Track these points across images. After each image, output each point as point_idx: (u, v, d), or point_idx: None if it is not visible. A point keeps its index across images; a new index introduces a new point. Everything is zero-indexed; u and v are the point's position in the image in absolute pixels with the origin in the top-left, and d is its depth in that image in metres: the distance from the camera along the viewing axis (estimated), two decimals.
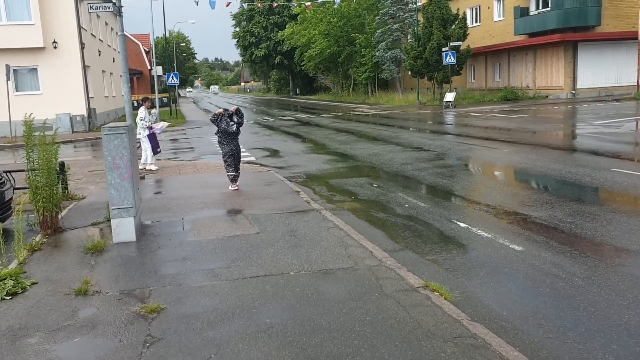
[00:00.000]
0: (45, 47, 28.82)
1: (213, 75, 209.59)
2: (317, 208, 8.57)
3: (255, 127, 28.54)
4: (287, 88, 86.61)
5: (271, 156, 16.58)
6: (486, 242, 6.69)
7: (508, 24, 39.87)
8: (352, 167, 13.39)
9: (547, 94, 36.81)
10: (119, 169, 6.89)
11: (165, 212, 8.77)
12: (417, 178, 11.27)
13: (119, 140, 6.87)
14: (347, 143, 18.35)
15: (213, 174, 13.02)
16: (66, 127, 29.70)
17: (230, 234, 7.16)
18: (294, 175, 12.73)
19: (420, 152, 15.07)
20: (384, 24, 46.63)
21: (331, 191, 10.54)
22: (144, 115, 13.86)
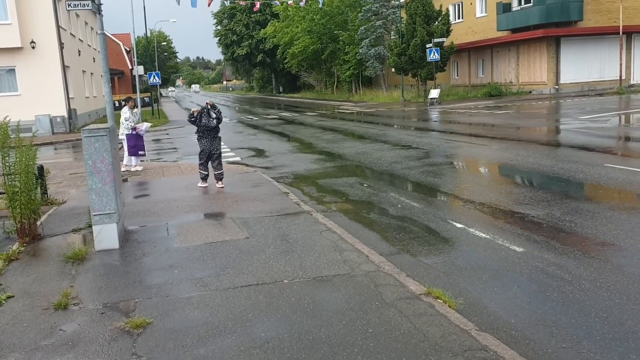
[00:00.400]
0: (23, 47, 28.14)
1: (195, 74, 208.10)
2: (307, 210, 8.28)
3: (239, 126, 28.16)
4: (270, 86, 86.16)
5: (257, 156, 16.26)
6: (485, 243, 6.45)
7: (491, 20, 39.88)
8: (340, 166, 13.12)
9: (531, 89, 36.89)
10: (100, 173, 6.54)
11: (149, 216, 8.42)
12: (407, 177, 11.03)
13: (100, 142, 6.52)
14: (334, 142, 18.08)
15: (197, 175, 12.65)
16: (46, 129, 29.07)
17: (218, 239, 6.84)
18: (281, 175, 12.43)
19: (409, 150, 14.85)
20: (367, 20, 46.43)
21: (321, 192, 10.25)
22: (128, 116, 13.47)
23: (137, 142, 13.58)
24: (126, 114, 13.52)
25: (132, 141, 13.56)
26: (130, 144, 13.60)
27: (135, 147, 13.57)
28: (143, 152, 13.79)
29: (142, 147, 13.68)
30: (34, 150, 7.61)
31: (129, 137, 13.52)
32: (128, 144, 13.61)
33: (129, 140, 13.55)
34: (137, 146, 13.58)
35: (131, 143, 13.57)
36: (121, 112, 13.71)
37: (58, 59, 29.08)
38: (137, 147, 13.58)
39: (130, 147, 13.60)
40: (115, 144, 7.12)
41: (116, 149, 7.12)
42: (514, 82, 38.43)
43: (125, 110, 13.59)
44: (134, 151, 13.61)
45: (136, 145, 13.57)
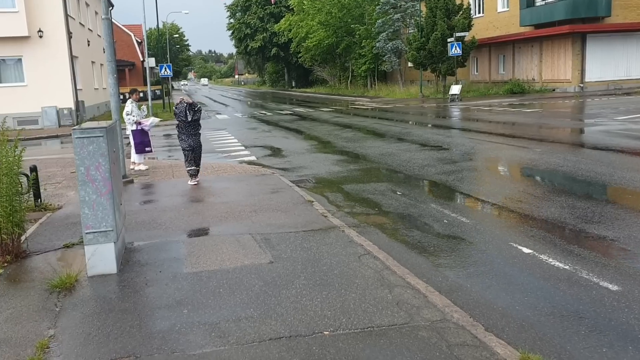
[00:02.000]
0: (30, 36, 27.15)
1: (207, 67, 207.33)
2: (338, 225, 7.09)
3: (252, 121, 27.00)
4: (282, 81, 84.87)
5: (273, 155, 15.08)
6: (566, 277, 5.23)
7: (513, 15, 38.38)
8: (366, 169, 11.91)
9: (554, 87, 35.43)
10: (95, 182, 5.38)
11: (155, 228, 7.27)
12: (446, 184, 9.79)
13: (95, 145, 5.36)
14: (355, 140, 16.86)
15: (211, 176, 11.51)
16: (52, 121, 28.11)
17: (236, 263, 5.67)
18: (301, 179, 11.24)
19: (440, 151, 13.59)
20: (385, 14, 45.04)
21: (349, 200, 9.05)
22: (131, 110, 12.34)
23: (144, 138, 12.47)
24: (127, 108, 12.38)
25: (138, 137, 12.44)
26: (136, 141, 12.49)
27: (141, 143, 12.46)
28: (149, 148, 12.67)
29: (149, 143, 12.56)
30: (20, 150, 6.44)
31: (134, 133, 12.41)
32: (134, 141, 12.50)
33: (134, 136, 12.44)
34: (144, 142, 12.47)
35: (137, 140, 12.46)
36: (125, 105, 12.62)
37: (66, 49, 28.05)
38: (144, 144, 12.47)
39: (137, 144, 12.49)
40: (115, 145, 5.97)
41: (115, 151, 5.96)
42: (537, 80, 36.98)
43: (128, 104, 12.46)
44: (141, 148, 12.50)
45: (142, 142, 12.46)
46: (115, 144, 6.05)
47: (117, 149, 6.12)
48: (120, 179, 6.36)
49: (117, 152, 6.10)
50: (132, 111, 12.34)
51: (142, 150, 12.53)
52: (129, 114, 12.33)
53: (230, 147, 17.08)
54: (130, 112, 12.32)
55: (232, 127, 24.00)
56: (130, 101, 12.56)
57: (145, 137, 12.46)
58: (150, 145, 12.70)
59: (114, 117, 10.89)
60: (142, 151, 12.56)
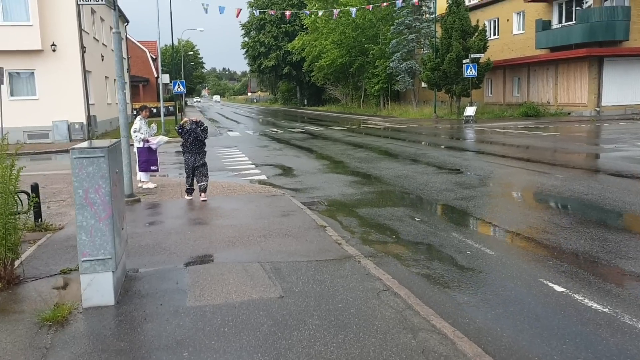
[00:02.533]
0: (44, 50, 27.15)
1: (220, 85, 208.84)
2: (353, 254, 6.63)
3: (264, 139, 26.69)
4: (294, 99, 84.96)
5: (284, 175, 14.69)
6: (608, 323, 4.72)
7: (528, 38, 38.08)
8: (381, 192, 11.46)
9: (569, 110, 34.94)
10: (94, 206, 4.98)
11: (159, 253, 6.85)
12: (466, 211, 9.31)
13: (95, 166, 4.97)
14: (368, 161, 16.44)
15: (220, 196, 11.11)
16: (63, 135, 27.98)
17: (243, 296, 5.22)
18: (313, 200, 10.81)
19: (458, 175, 13.12)
20: (399, 34, 44.90)
21: (364, 226, 8.60)
22: (139, 127, 12.03)
23: (150, 156, 12.12)
24: (136, 125, 12.09)
25: (144, 155, 12.10)
26: (141, 159, 12.14)
27: (147, 162, 12.11)
28: (155, 167, 12.32)
29: (155, 161, 12.21)
30: (17, 168, 6.07)
31: (140, 151, 12.07)
32: (139, 159, 12.16)
33: (140, 154, 12.10)
34: (150, 161, 12.11)
35: (142, 157, 12.11)
36: (134, 122, 12.34)
37: (79, 63, 28.02)
38: (150, 162, 12.11)
39: (142, 162, 12.14)
40: (118, 166, 5.58)
41: (118, 172, 5.57)
42: (552, 103, 36.51)
43: (137, 121, 12.17)
44: (145, 167, 12.15)
45: (148, 160, 12.11)
46: (118, 164, 5.66)
47: (120, 169, 5.74)
48: (123, 201, 5.96)
49: (120, 173, 5.72)
50: (140, 128, 12.03)
51: (147, 168, 12.19)
52: (137, 130, 12.02)
53: (240, 166, 16.72)
54: (139, 129, 12.01)
55: (243, 145, 23.70)
56: (140, 118, 12.27)
57: (152, 155, 12.12)
58: (157, 164, 12.34)
59: (122, 134, 10.57)
60: (146, 169, 12.21)
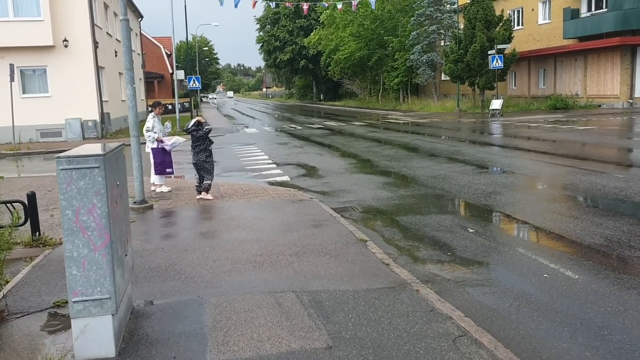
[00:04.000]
0: (55, 46, 26.29)
1: (235, 80, 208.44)
2: (407, 280, 5.45)
3: (283, 136, 25.54)
4: (310, 94, 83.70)
5: (308, 175, 13.53)
6: None
7: (555, 27, 36.47)
8: (420, 195, 10.24)
9: (600, 102, 33.34)
10: (87, 231, 3.85)
11: (173, 278, 5.72)
12: (526, 220, 8.06)
13: (88, 180, 3.83)
14: (398, 159, 15.22)
15: (240, 202, 9.98)
16: (76, 134, 27.14)
17: (280, 346, 4.05)
18: (344, 206, 9.65)
19: (504, 175, 11.85)
20: (420, 25, 43.46)
21: (410, 239, 7.40)
22: (152, 125, 10.90)
23: (165, 157, 11.00)
24: (149, 123, 10.96)
25: (158, 156, 10.96)
26: (156, 160, 11.00)
27: (162, 163, 10.99)
28: (171, 169, 11.16)
29: (170, 163, 11.07)
30: None
31: (155, 152, 10.95)
32: (154, 160, 11.04)
33: (155, 155, 10.98)
34: (164, 163, 11.00)
35: (157, 159, 10.97)
36: (147, 119, 11.21)
37: (92, 59, 27.11)
38: (164, 164, 11.00)
39: (157, 164, 11.01)
40: (120, 177, 4.45)
41: (120, 185, 4.44)
42: (580, 95, 34.92)
43: (150, 119, 11.05)
44: (161, 169, 11.05)
45: (163, 162, 10.99)
46: (121, 175, 4.52)
47: (123, 180, 4.60)
48: (127, 220, 4.82)
49: (123, 185, 4.58)
50: (154, 127, 10.92)
51: (163, 171, 11.07)
52: (150, 129, 10.91)
53: (260, 165, 15.60)
54: (152, 128, 10.90)
55: (261, 142, 22.57)
56: (153, 115, 11.15)
57: (167, 156, 11.00)
58: (172, 166, 11.19)
59: (132, 134, 9.49)
60: (162, 172, 11.09)
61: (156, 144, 10.91)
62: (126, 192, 4.72)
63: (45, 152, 23.19)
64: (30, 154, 22.84)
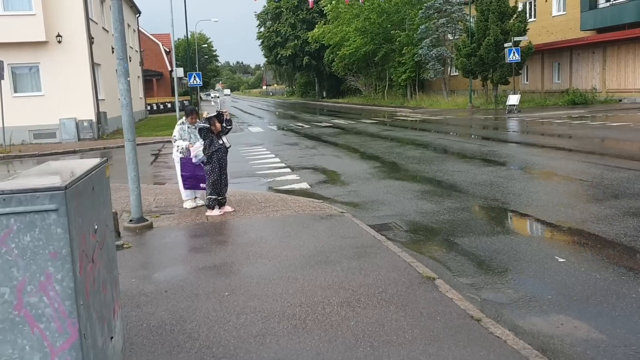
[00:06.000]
0: (48, 42, 24.66)
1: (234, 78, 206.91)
2: (519, 349, 3.80)
3: (291, 135, 23.86)
4: (312, 91, 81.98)
5: (330, 182, 11.87)
6: None
7: (570, 19, 34.81)
8: (472, 208, 8.55)
9: (620, 97, 31.68)
10: (38, 324, 2.20)
11: (182, 349, 4.03)
12: (629, 244, 6.40)
13: (38, 234, 2.18)
14: (427, 161, 13.56)
15: (258, 218, 8.31)
16: (71, 134, 25.51)
17: None
18: (383, 222, 7.99)
19: (564, 182, 10.15)
20: (428, 19, 41.76)
21: (487, 274, 5.69)
22: (179, 134, 9.09)
23: (196, 171, 8.90)
24: (175, 132, 9.16)
25: (188, 169, 8.95)
26: (185, 173, 8.99)
27: (193, 178, 8.95)
28: (204, 186, 8.92)
29: (203, 178, 8.82)
30: None
31: (184, 164, 9.01)
32: (182, 173, 9.04)
33: (183, 167, 9.01)
34: (197, 177, 8.93)
35: (187, 172, 8.96)
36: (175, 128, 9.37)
37: (87, 55, 25.47)
38: (197, 179, 8.94)
39: (186, 179, 9.00)
40: (100, 213, 2.79)
41: (101, 229, 2.76)
42: (599, 89, 33.26)
43: (177, 127, 9.20)
44: (191, 184, 9.04)
45: (195, 177, 8.94)
46: (100, 212, 2.85)
47: (105, 219, 2.94)
48: (112, 282, 3.14)
49: (104, 228, 2.92)
50: (182, 135, 9.09)
51: (196, 185, 9.07)
52: (177, 139, 9.13)
53: (273, 169, 13.95)
54: (179, 137, 9.10)
55: (269, 143, 20.90)
56: (182, 122, 9.23)
57: (199, 170, 8.90)
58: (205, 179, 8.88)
59: (126, 137, 7.82)
60: (193, 186, 9.10)
61: (186, 154, 9.01)
62: (111, 235, 3.05)
63: (37, 155, 21.58)
64: (22, 157, 21.22)
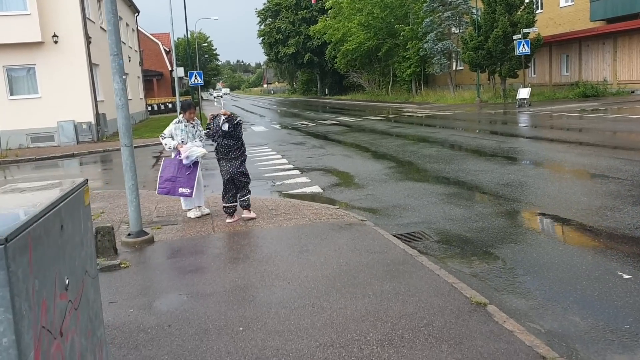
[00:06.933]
0: (44, 42, 23.88)
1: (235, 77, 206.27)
2: None
3: (296, 134, 23.04)
4: (314, 88, 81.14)
5: (344, 184, 11.05)
6: None
7: (579, 10, 33.89)
8: (506, 213, 7.72)
9: (633, 88, 30.78)
10: None
11: None
12: None
13: None
14: (446, 160, 12.73)
15: (270, 228, 7.50)
16: (70, 137, 24.75)
17: None
18: (410, 231, 7.18)
19: (603, 181, 9.31)
20: (433, 12, 40.87)
21: (544, 296, 4.92)
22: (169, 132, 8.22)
23: (178, 174, 7.99)
24: (166, 130, 8.27)
25: (169, 171, 8.06)
26: (163, 175, 8.08)
27: (171, 181, 8.00)
28: (189, 189, 8.01)
29: (186, 182, 7.99)
30: None
31: (166, 166, 8.12)
32: (161, 175, 8.15)
33: (165, 169, 8.11)
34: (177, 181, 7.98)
35: (166, 174, 8.06)
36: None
37: (84, 56, 24.69)
38: (177, 183, 7.98)
39: (163, 181, 8.07)
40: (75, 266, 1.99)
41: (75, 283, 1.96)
42: (610, 81, 32.34)
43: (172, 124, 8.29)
44: (168, 188, 8.05)
45: (175, 180, 7.99)
46: (78, 253, 2.05)
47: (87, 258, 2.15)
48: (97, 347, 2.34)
49: (85, 272, 2.13)
50: (176, 133, 8.21)
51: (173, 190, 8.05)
52: (165, 136, 8.25)
53: (280, 172, 13.13)
54: (166, 135, 8.23)
55: (274, 142, 20.07)
56: (178, 120, 8.32)
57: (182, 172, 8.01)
58: (192, 184, 8.03)
59: (122, 142, 7.01)
60: (170, 191, 8.10)
61: (174, 154, 8.23)
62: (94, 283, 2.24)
63: (35, 159, 20.82)
64: (18, 162, 20.47)
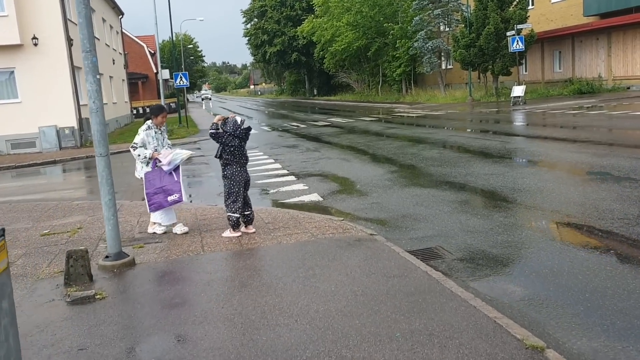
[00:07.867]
0: (24, 45, 22.90)
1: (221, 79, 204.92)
2: None
3: (288, 137, 22.18)
4: (302, 89, 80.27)
5: (345, 192, 10.22)
6: None
7: (571, 5, 33.41)
8: (530, 225, 6.97)
9: (628, 84, 30.33)
10: None
11: None
12: None
13: None
14: (451, 163, 11.95)
15: (269, 246, 6.65)
16: (52, 143, 23.74)
17: None
18: (425, 247, 6.38)
19: (634, 185, 8.60)
20: (422, 10, 40.18)
21: (605, 330, 4.12)
22: (140, 140, 7.33)
23: (163, 183, 7.20)
24: (137, 137, 7.38)
25: (150, 185, 7.22)
26: (149, 190, 7.22)
27: (160, 193, 7.19)
28: (177, 196, 7.21)
29: (172, 190, 7.19)
30: None
31: (149, 180, 7.28)
32: (147, 191, 7.28)
33: (148, 183, 7.27)
34: (165, 190, 7.19)
35: (149, 188, 7.22)
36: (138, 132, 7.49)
37: (66, 58, 23.70)
38: (166, 192, 7.19)
39: (151, 197, 7.21)
40: None
41: None
42: (604, 77, 31.88)
43: (141, 130, 7.40)
44: (158, 202, 7.21)
45: (163, 190, 7.19)
46: None
47: None
48: None
49: None
50: (146, 142, 7.37)
51: (163, 202, 7.22)
52: (136, 146, 7.32)
53: (274, 178, 12.28)
54: (138, 144, 7.32)
55: (265, 146, 19.18)
56: (147, 127, 7.45)
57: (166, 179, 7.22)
58: (180, 189, 7.22)
59: (97, 152, 6.11)
60: (160, 206, 7.27)
61: (150, 165, 7.37)
62: None
63: (14, 167, 19.80)
64: None
